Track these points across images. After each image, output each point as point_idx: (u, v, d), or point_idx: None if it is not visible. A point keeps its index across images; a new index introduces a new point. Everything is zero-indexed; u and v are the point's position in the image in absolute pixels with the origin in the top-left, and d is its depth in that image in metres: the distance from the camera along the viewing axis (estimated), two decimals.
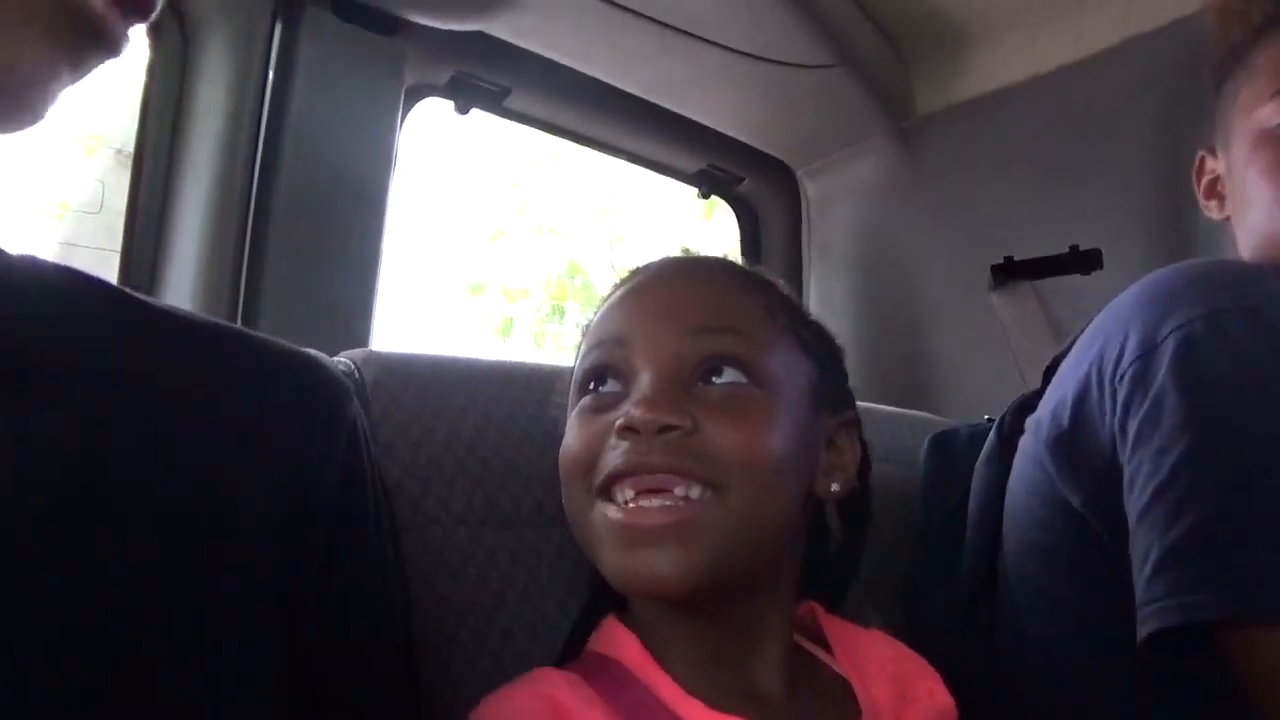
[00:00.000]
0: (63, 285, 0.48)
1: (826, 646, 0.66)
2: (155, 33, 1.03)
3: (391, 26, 1.12)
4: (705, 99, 1.45)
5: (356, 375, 0.69)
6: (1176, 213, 1.17)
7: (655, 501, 0.54)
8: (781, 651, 0.61)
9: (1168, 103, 1.19)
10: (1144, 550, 0.60)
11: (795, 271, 1.68)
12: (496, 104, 1.35)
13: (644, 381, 0.57)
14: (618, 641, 0.59)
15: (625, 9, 1.18)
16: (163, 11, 0.98)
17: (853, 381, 0.71)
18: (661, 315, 0.60)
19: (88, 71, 0.40)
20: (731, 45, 1.29)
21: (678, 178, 1.68)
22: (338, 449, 0.52)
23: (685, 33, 1.25)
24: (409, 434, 0.70)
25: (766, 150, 1.62)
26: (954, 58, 1.44)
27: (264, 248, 1.00)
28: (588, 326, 0.65)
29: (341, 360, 0.70)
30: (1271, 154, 0.74)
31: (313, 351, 0.56)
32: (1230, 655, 0.58)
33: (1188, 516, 0.58)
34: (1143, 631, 0.59)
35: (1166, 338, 0.62)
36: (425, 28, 1.14)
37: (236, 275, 0.99)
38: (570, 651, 0.64)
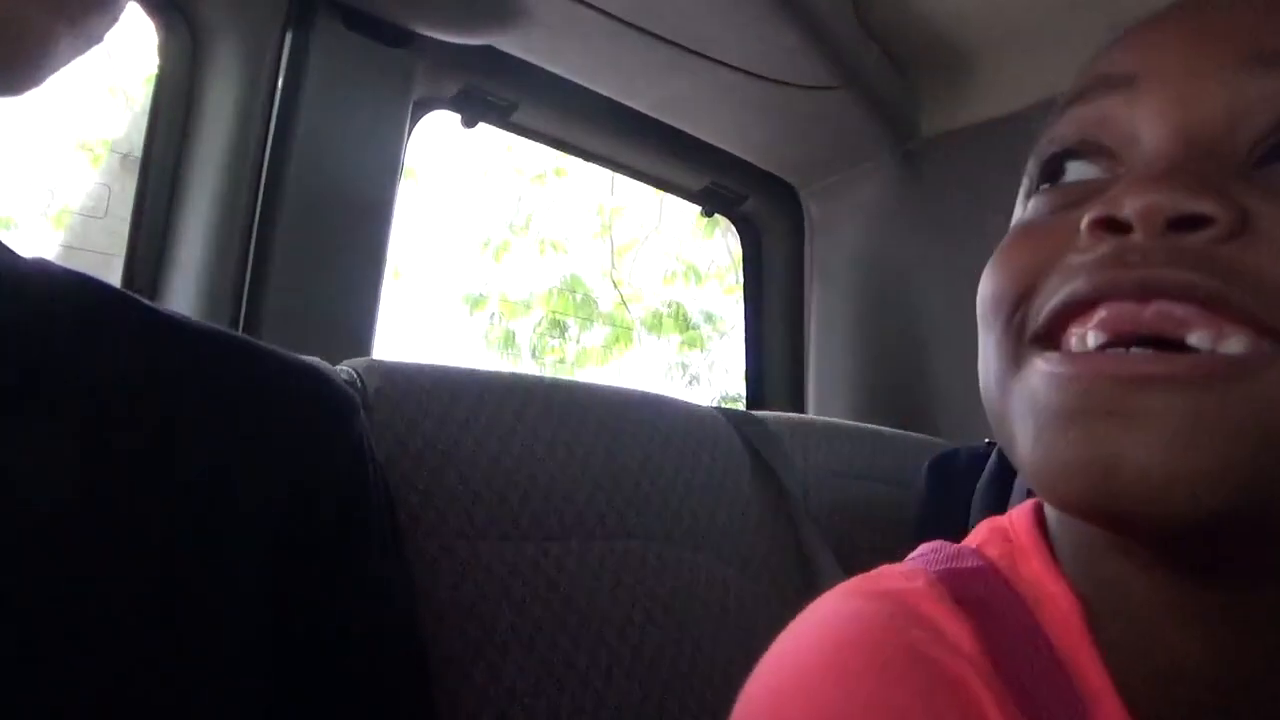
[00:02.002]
0: (71, 289, 0.48)
1: None
2: (165, 39, 1.03)
3: (401, 39, 1.12)
4: (710, 117, 1.45)
5: (358, 384, 0.69)
6: None
7: (1147, 354, 0.29)
8: None
9: None
10: None
11: (797, 291, 1.68)
12: (503, 118, 1.36)
13: (1150, 147, 0.33)
14: (1042, 579, 0.35)
15: (633, 26, 1.19)
16: (172, 17, 0.99)
17: (853, 403, 0.71)
18: (1205, 35, 0.33)
19: (90, 35, 0.39)
20: (737, 65, 1.30)
21: (682, 195, 1.68)
22: (343, 464, 0.51)
23: (692, 51, 1.26)
24: (410, 445, 0.70)
25: (770, 170, 1.62)
26: (959, 81, 1.44)
27: (268, 255, 1.00)
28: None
29: (343, 369, 0.70)
30: None
31: (318, 362, 0.56)
32: None
33: None
34: None
35: None
36: (434, 41, 1.15)
37: (240, 282, 0.99)
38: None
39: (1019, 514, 0.39)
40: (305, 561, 0.48)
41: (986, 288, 0.36)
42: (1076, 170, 0.36)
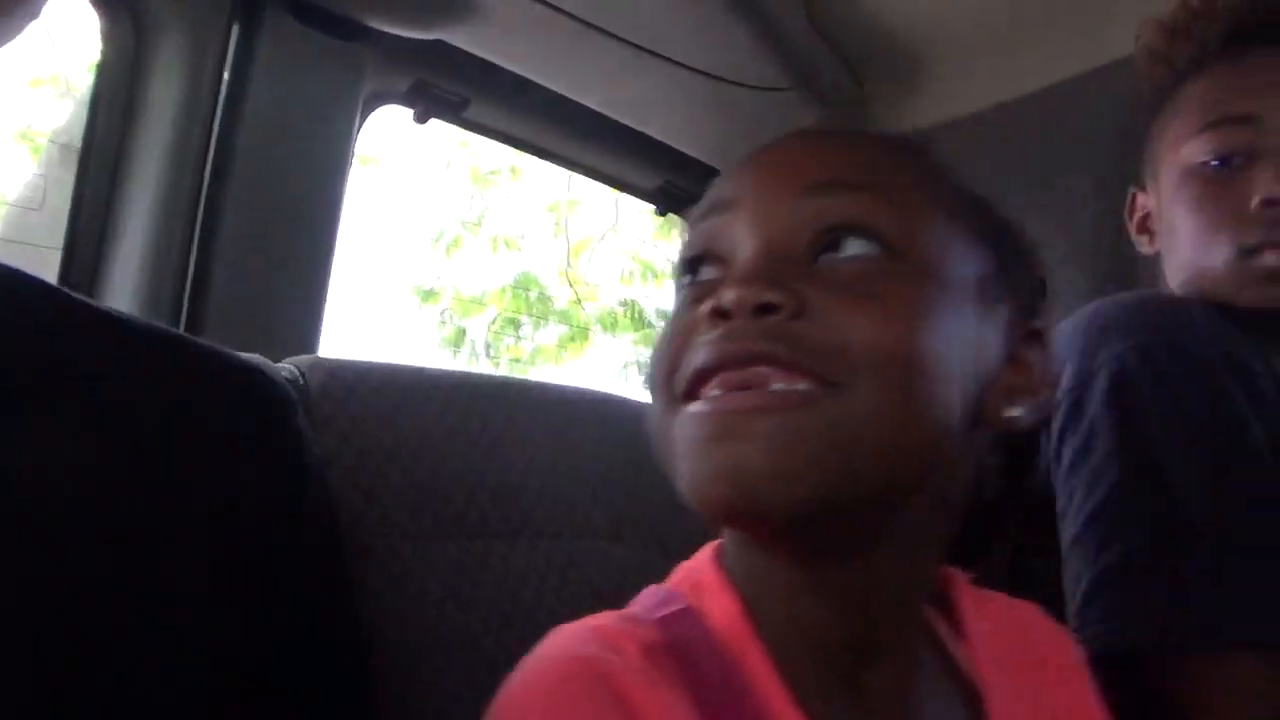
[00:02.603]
0: (2, 284, 0.47)
1: (955, 623, 0.52)
2: (108, 27, 1.01)
3: (352, 32, 1.11)
4: (664, 117, 1.45)
5: (301, 381, 0.69)
6: (1118, 245, 1.21)
7: (750, 393, 0.42)
8: (911, 642, 0.48)
9: (1113, 137, 1.22)
10: (1075, 577, 0.62)
11: None
12: (456, 114, 1.35)
13: (743, 254, 0.45)
14: (713, 594, 0.46)
15: (587, 24, 1.19)
16: (115, 6, 0.97)
17: None
18: (775, 173, 0.48)
19: (29, 10, 0.38)
20: (691, 65, 1.30)
21: (635, 194, 1.68)
22: (279, 465, 0.51)
23: (646, 50, 1.26)
24: (354, 443, 0.69)
25: (724, 170, 1.63)
26: (908, 87, 1.46)
27: (213, 251, 0.99)
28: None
29: (286, 366, 0.70)
30: (1197, 188, 0.77)
31: (256, 359, 0.56)
32: (1157, 682, 0.59)
33: (1116, 545, 0.60)
34: None
35: (1100, 368, 0.64)
36: (386, 35, 1.14)
37: (182, 278, 0.97)
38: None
39: (704, 551, 0.50)
40: (240, 564, 0.47)
41: (650, 364, 0.48)
42: (705, 271, 0.48)
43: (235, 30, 1.03)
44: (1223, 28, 0.79)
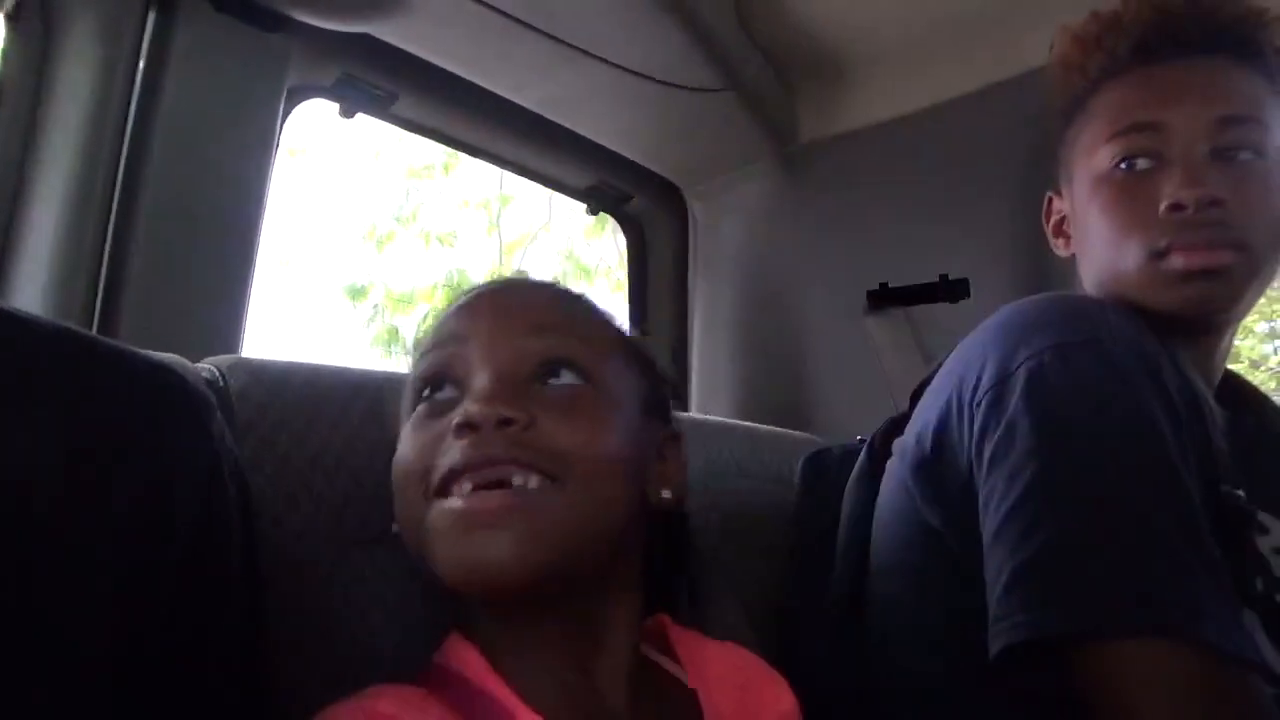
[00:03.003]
0: None
1: (675, 658, 0.67)
2: (13, 13, 0.96)
3: (274, 23, 1.08)
4: (596, 116, 1.45)
5: (221, 383, 0.66)
6: (1039, 247, 1.24)
7: (495, 493, 0.54)
8: (624, 660, 0.61)
9: (1036, 141, 1.26)
10: (996, 569, 0.63)
11: (680, 290, 1.70)
12: (383, 109, 1.33)
13: (481, 379, 0.58)
14: (459, 654, 0.58)
15: (518, 21, 1.18)
16: None
17: (733, 400, 0.73)
18: (501, 316, 0.61)
19: None
20: (623, 64, 1.30)
21: (567, 193, 1.68)
22: (193, 472, 0.49)
23: (578, 49, 1.25)
24: (276, 447, 0.67)
25: (655, 170, 1.64)
26: (836, 89, 1.49)
27: (127, 249, 0.95)
28: (419, 340, 0.67)
29: (205, 367, 0.67)
30: (1109, 193, 0.80)
31: (171, 359, 0.54)
32: (1074, 670, 0.61)
33: (1036, 538, 0.61)
34: (994, 647, 0.62)
35: (1019, 367, 0.66)
36: (310, 26, 1.11)
37: (94, 277, 0.93)
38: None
39: (453, 638, 0.60)
40: (148, 568, 0.46)
41: (399, 466, 0.60)
42: (443, 391, 0.61)
43: (151, 18, 0.99)
44: (1132, 39, 0.82)
